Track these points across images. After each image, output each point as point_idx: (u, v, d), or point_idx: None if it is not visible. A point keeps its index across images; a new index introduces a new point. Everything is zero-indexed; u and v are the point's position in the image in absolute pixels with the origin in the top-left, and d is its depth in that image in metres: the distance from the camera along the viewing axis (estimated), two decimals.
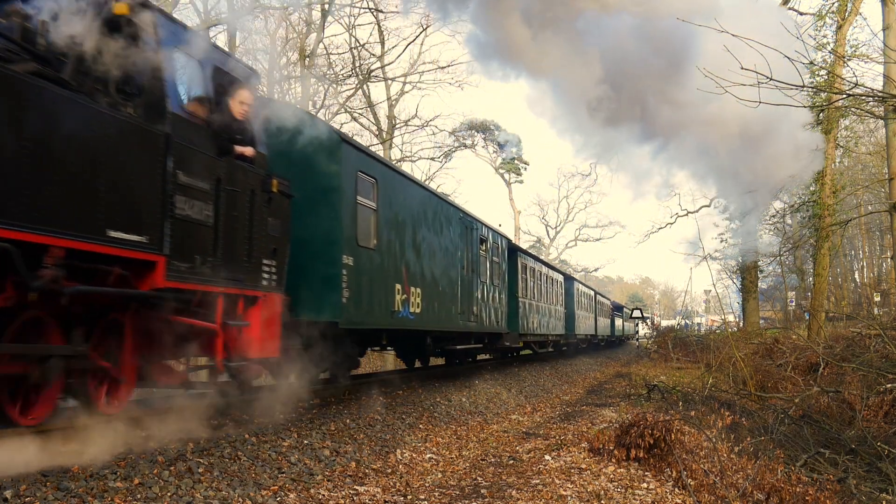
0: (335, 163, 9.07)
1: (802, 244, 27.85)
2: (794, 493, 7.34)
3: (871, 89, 5.46)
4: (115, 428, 6.01)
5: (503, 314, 17.84)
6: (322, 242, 8.85)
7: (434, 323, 12.60)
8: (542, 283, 23.60)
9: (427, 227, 12.42)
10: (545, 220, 67.31)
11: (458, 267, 14.05)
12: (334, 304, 8.85)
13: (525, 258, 21.34)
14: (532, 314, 21.43)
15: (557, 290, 26.99)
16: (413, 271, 11.45)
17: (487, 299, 16.22)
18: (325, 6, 20.61)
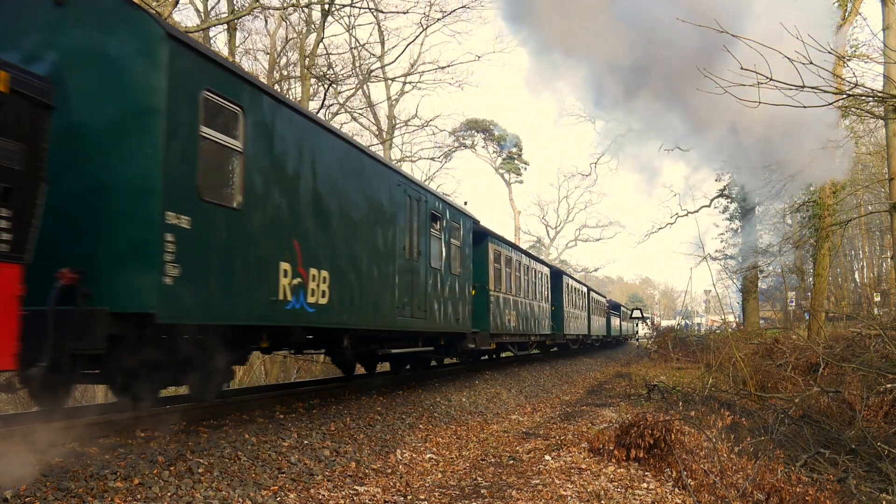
0: (156, 71, 5.86)
1: (802, 244, 27.83)
2: (794, 493, 7.34)
3: (871, 89, 5.46)
4: None
5: (467, 310, 14.49)
6: (130, 192, 5.78)
7: (351, 318, 9.22)
8: (521, 275, 20.51)
9: (344, 191, 8.99)
10: (545, 221, 67.49)
11: (397, 248, 10.76)
12: (149, 287, 5.70)
13: (499, 245, 18.20)
14: (508, 311, 18.36)
15: (542, 284, 23.93)
16: (315, 247, 8.21)
17: (443, 291, 12.94)
18: (326, 6, 20.59)
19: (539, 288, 23.13)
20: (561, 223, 65.87)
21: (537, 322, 22.41)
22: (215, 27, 23.60)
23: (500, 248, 18.44)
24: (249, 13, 21.85)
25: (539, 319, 22.70)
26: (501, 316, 17.69)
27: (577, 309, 31.10)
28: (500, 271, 17.95)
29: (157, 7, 16.02)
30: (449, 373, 16.31)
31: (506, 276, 18.55)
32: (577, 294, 31.70)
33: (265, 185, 7.30)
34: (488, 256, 17.02)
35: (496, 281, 17.53)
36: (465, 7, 26.39)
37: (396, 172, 11.22)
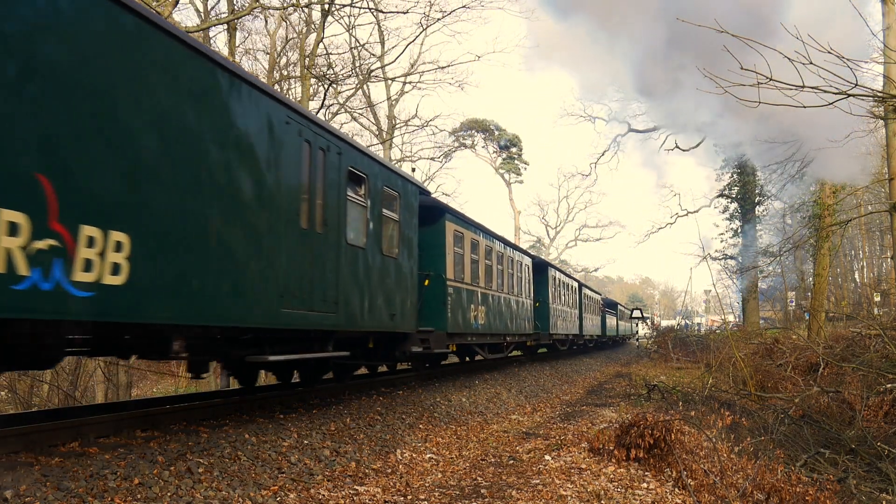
0: None
1: (802, 244, 27.84)
2: (794, 493, 7.34)
3: (871, 89, 5.46)
4: None
5: (410, 304, 11.37)
6: None
7: (185, 310, 6.22)
8: (494, 264, 17.34)
9: (174, 113, 6.12)
10: (545, 221, 67.57)
11: (285, 212, 7.61)
12: None
13: (462, 225, 14.91)
14: (474, 306, 15.27)
15: (523, 276, 20.77)
16: (93, 191, 5.22)
17: (369, 278, 9.76)
18: (326, 6, 20.59)
19: (518, 281, 20.05)
20: (561, 223, 65.98)
21: (516, 320, 19.34)
22: (215, 27, 23.60)
23: (464, 230, 15.05)
24: (249, 13, 21.85)
25: (518, 317, 19.66)
26: (465, 312, 14.52)
27: (567, 306, 28.08)
28: (462, 257, 14.68)
29: (156, 7, 16.02)
30: (449, 373, 16.23)
31: (471, 264, 15.35)
32: (566, 289, 28.62)
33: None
34: (445, 238, 13.70)
35: (457, 269, 14.28)
36: (465, 7, 26.39)
37: (285, 106, 7.89)
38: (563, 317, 26.87)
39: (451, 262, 13.94)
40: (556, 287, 25.84)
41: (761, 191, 34.28)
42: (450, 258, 13.85)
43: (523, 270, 20.86)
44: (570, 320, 28.78)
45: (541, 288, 23.52)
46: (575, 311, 30.41)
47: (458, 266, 14.47)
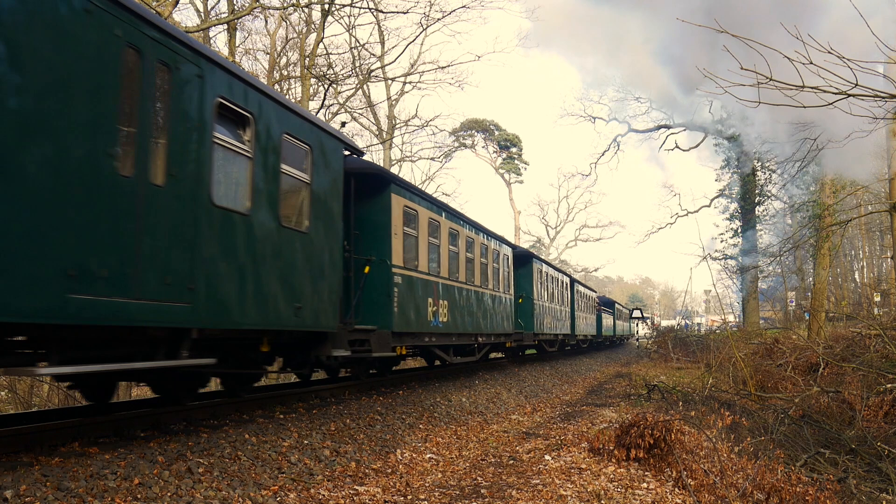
0: None
1: (802, 244, 27.85)
2: (794, 493, 7.34)
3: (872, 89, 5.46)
4: None
5: (329, 294, 8.73)
6: None
7: None
8: (461, 250, 14.62)
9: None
10: (545, 221, 67.61)
11: (76, 145, 5.08)
12: None
13: (415, 201, 12.16)
14: (431, 299, 12.56)
15: (500, 267, 18.10)
16: None
17: (260, 256, 7.27)
18: (326, 6, 20.59)
19: (495, 273, 17.57)
20: (561, 223, 66.01)
21: (491, 318, 16.75)
22: (215, 27, 23.61)
23: (419, 207, 12.24)
24: (249, 13, 21.85)
25: (495, 314, 17.07)
26: (419, 307, 12.00)
27: (556, 303, 25.59)
28: (416, 241, 12.10)
29: (156, 7, 16.03)
30: (449, 373, 16.21)
31: (430, 250, 12.75)
32: (556, 285, 26.10)
33: None
34: (391, 215, 11.12)
35: (409, 255, 11.68)
36: (465, 7, 26.39)
37: None
38: (551, 315, 24.39)
39: (400, 246, 11.26)
40: (543, 281, 23.38)
41: (761, 191, 34.29)
42: (397, 241, 11.17)
43: (501, 261, 18.37)
44: (559, 319, 26.16)
45: (524, 282, 21.22)
46: (566, 309, 27.83)
47: (411, 251, 11.79)
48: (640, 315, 66.22)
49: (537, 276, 22.45)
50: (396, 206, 11.33)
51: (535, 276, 22.14)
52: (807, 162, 18.97)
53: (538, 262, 23.15)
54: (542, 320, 22.54)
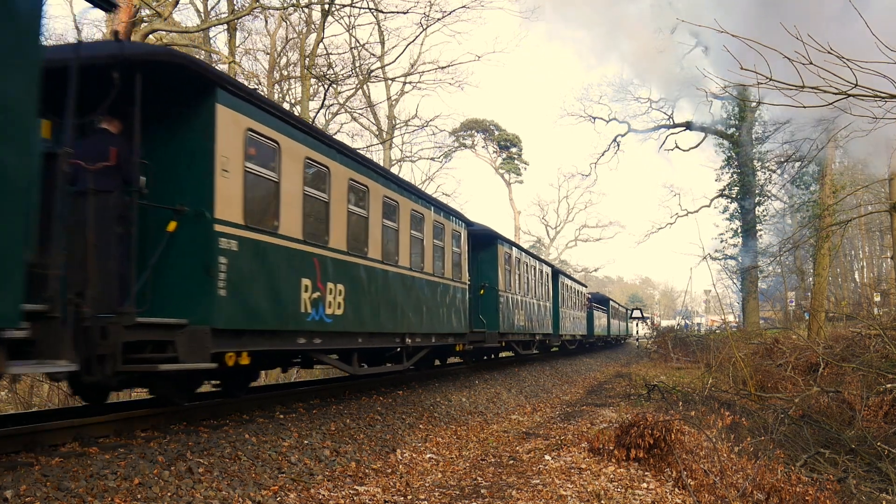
0: None
1: (802, 244, 27.86)
2: (794, 493, 7.34)
3: (872, 89, 5.45)
4: None
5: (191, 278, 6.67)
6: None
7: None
8: (373, 215, 10.44)
9: None
10: (545, 221, 67.54)
11: None
12: None
13: (275, 128, 7.91)
14: (308, 281, 8.53)
15: (447, 246, 13.92)
16: None
17: None
18: (326, 6, 20.60)
19: (438, 252, 13.35)
20: (561, 223, 65.99)
21: (432, 312, 12.73)
22: (215, 27, 23.61)
23: (284, 139, 8.02)
24: (249, 13, 21.86)
25: (437, 308, 12.96)
26: (277, 292, 7.80)
27: (532, 297, 21.34)
28: (275, 192, 7.87)
29: (157, 7, 16.03)
30: (449, 373, 16.16)
31: (307, 208, 8.47)
32: (534, 275, 21.97)
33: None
34: (215, 144, 6.82)
35: (258, 209, 7.53)
36: (465, 7, 26.41)
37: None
38: (525, 310, 20.23)
39: (237, 194, 7.07)
40: (514, 269, 19.19)
41: (761, 191, 34.32)
42: (231, 184, 6.98)
43: (448, 238, 13.89)
44: (538, 316, 22.11)
45: (486, 268, 17.11)
46: (546, 304, 23.71)
47: (266, 206, 7.73)
48: (640, 315, 66.05)
49: (505, 262, 18.08)
50: (224, 128, 6.99)
51: (502, 262, 17.83)
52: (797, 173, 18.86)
53: (506, 244, 18.37)
54: (511, 317, 18.33)
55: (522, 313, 19.89)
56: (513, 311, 18.68)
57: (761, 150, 32.80)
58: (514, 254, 19.42)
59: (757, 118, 33.05)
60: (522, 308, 19.95)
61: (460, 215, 15.30)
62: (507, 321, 17.80)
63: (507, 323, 17.87)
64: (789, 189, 33.37)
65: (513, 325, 18.53)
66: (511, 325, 18.33)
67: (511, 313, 18.40)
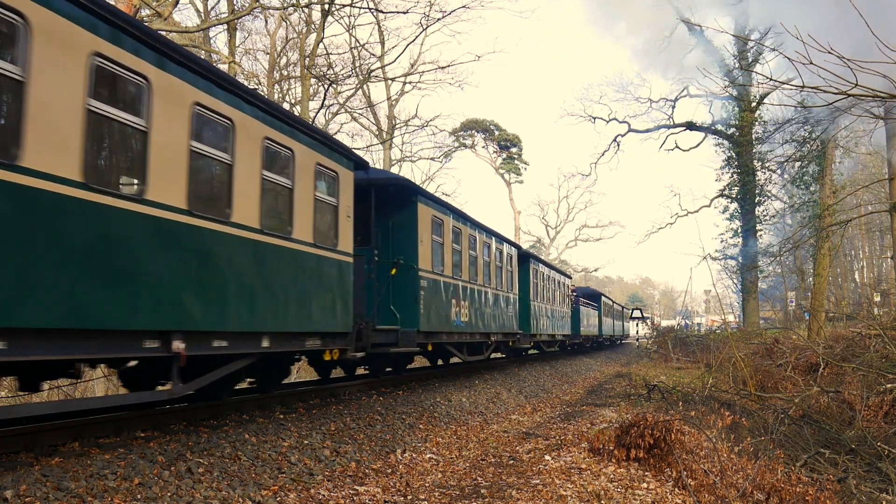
0: None
1: (802, 244, 27.86)
2: (794, 493, 7.34)
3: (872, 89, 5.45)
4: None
5: None
6: None
7: None
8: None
9: None
10: (545, 221, 67.48)
11: None
12: None
13: None
14: None
15: (336, 205, 9.36)
16: None
17: None
18: (326, 6, 20.59)
19: (327, 214, 9.17)
20: (561, 223, 65.92)
21: (306, 300, 8.49)
22: (215, 27, 23.61)
23: None
24: (249, 13, 21.86)
25: (318, 295, 8.77)
26: None
27: (490, 286, 16.68)
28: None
29: (157, 7, 16.03)
30: (449, 373, 16.13)
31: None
32: (487, 254, 16.78)
33: None
34: None
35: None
36: (465, 7, 26.43)
37: None
38: (476, 302, 15.52)
39: None
40: (448, 241, 13.81)
41: (761, 191, 34.32)
42: None
43: (341, 191, 9.46)
44: (496, 310, 17.34)
45: (401, 236, 12.17)
46: (511, 296, 19.02)
47: None
48: (641, 315, 65.96)
49: (433, 228, 12.83)
50: None
51: (426, 229, 12.48)
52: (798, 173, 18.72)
53: (432, 203, 13.15)
54: (442, 309, 13.19)
55: (473, 308, 15.18)
56: (446, 300, 13.51)
57: (761, 151, 32.80)
58: (448, 221, 13.87)
59: (757, 118, 33.09)
60: (474, 300, 15.26)
61: (352, 152, 10.08)
62: (435, 315, 12.80)
63: (436, 317, 12.92)
64: (789, 189, 33.37)
65: (446, 320, 13.47)
66: (443, 321, 13.28)
67: (442, 304, 13.27)
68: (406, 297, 11.97)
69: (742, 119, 33.74)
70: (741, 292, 37.43)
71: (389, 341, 11.21)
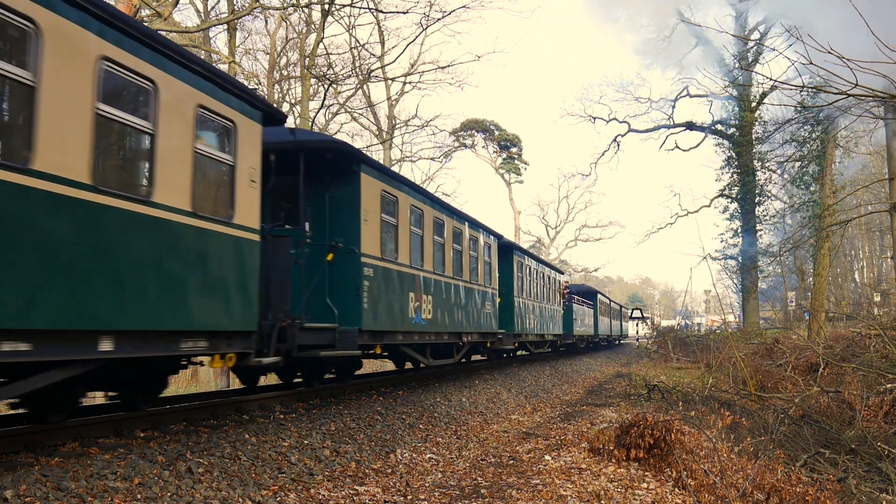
0: None
1: (802, 244, 27.86)
2: (794, 493, 7.34)
3: (872, 89, 5.45)
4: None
5: None
6: None
7: None
8: None
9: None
10: (545, 221, 67.44)
11: None
12: None
13: None
14: None
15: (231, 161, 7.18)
16: None
17: None
18: (326, 6, 20.59)
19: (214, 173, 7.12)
20: (561, 223, 65.88)
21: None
22: (215, 27, 23.61)
23: None
24: (249, 13, 21.85)
25: (195, 285, 6.61)
26: None
27: (457, 276, 14.45)
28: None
29: (157, 7, 16.03)
30: (449, 373, 16.13)
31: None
32: (460, 242, 14.68)
33: None
34: None
35: None
36: (465, 7, 26.37)
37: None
38: (440, 296, 13.27)
39: None
40: (405, 223, 11.73)
41: (761, 191, 34.33)
42: None
43: (240, 147, 7.41)
44: (470, 306, 15.10)
45: (341, 215, 10.07)
46: (488, 291, 16.80)
47: None
48: (641, 315, 65.89)
49: (381, 206, 10.79)
50: None
51: (372, 208, 10.42)
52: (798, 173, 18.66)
53: (384, 177, 11.10)
54: (394, 304, 11.11)
55: (430, 300, 12.73)
56: (401, 293, 11.38)
57: (761, 151, 32.81)
58: (404, 199, 11.67)
59: (757, 118, 33.10)
60: (430, 291, 12.71)
61: (247, 92, 7.67)
62: (385, 311, 10.68)
63: (387, 314, 10.76)
64: (789, 189, 33.38)
65: (401, 317, 11.30)
66: (396, 319, 11.09)
67: (396, 298, 11.16)
68: (346, 288, 9.80)
69: (742, 119, 33.79)
70: (741, 292, 37.43)
71: (323, 342, 9.17)
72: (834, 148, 25.21)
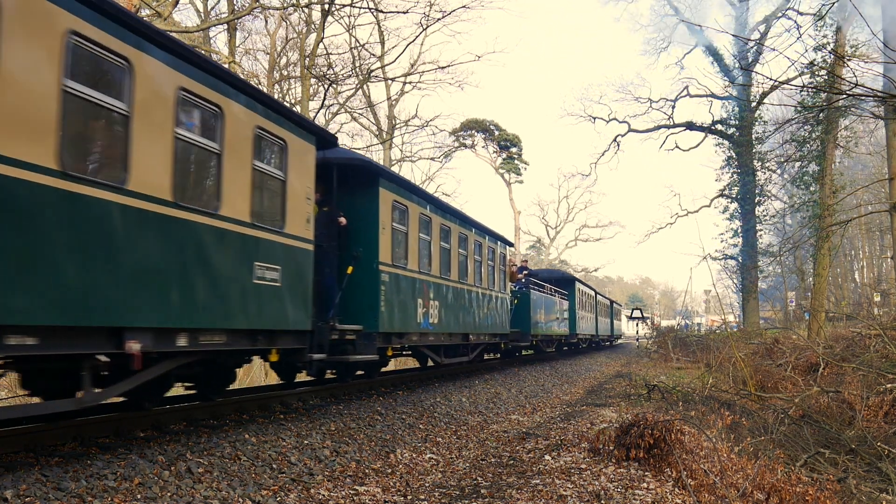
0: None
1: (802, 244, 27.86)
2: (794, 493, 7.34)
3: (871, 89, 5.45)
4: None
5: None
6: None
7: None
8: None
9: None
10: (545, 221, 67.48)
11: None
12: None
13: None
14: None
15: None
16: None
17: None
18: (326, 6, 20.59)
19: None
20: (561, 223, 65.95)
21: None
22: (215, 27, 23.61)
23: None
24: (249, 13, 21.86)
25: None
26: None
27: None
28: None
29: (157, 7, 16.03)
30: (449, 373, 16.09)
31: None
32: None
33: None
34: None
35: None
36: (465, 7, 26.39)
37: None
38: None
39: None
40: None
41: (761, 191, 34.34)
42: None
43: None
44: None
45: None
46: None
47: None
48: (641, 315, 65.82)
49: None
50: None
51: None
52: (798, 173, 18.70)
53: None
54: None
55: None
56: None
57: (761, 151, 32.82)
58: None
59: (757, 118, 33.11)
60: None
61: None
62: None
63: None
64: (789, 189, 33.40)
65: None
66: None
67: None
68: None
69: (742, 119, 33.79)
70: (741, 292, 37.45)
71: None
72: (834, 148, 25.22)
